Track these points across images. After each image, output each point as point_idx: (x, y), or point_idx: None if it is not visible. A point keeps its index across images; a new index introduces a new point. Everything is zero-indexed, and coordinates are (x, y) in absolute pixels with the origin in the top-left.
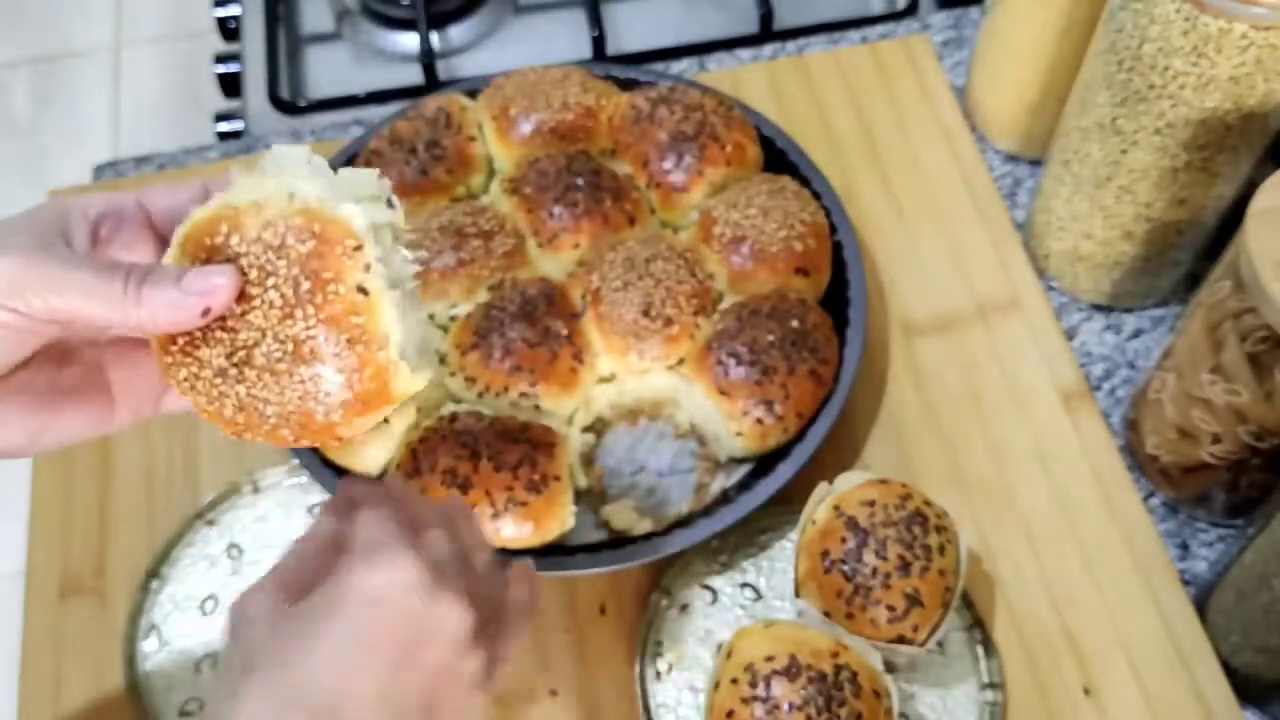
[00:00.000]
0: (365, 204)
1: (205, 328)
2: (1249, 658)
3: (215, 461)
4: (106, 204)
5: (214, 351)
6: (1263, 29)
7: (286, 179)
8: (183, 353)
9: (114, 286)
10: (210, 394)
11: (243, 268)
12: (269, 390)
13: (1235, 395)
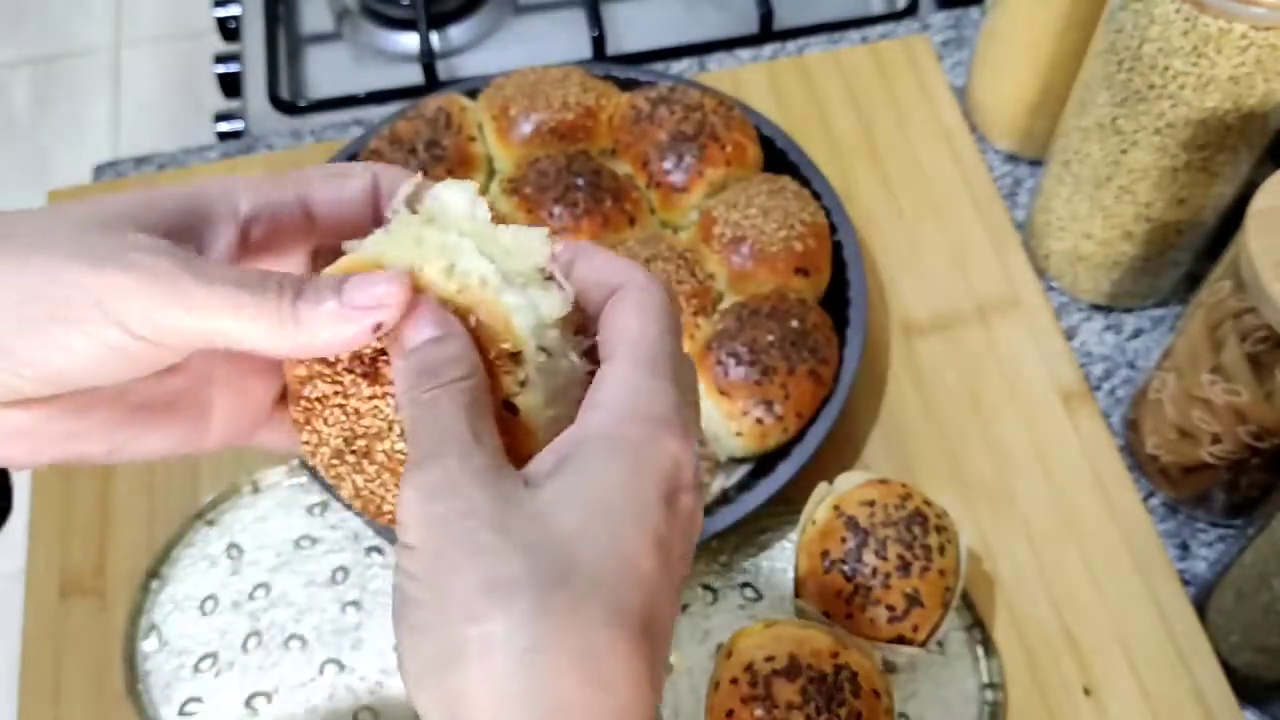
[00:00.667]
0: (532, 289)
1: (324, 402)
2: (1249, 658)
3: (215, 461)
4: (262, 199)
5: (331, 430)
6: (1263, 29)
7: (450, 240)
8: (305, 416)
9: (266, 303)
10: (329, 469)
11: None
12: (387, 490)
13: (1235, 395)
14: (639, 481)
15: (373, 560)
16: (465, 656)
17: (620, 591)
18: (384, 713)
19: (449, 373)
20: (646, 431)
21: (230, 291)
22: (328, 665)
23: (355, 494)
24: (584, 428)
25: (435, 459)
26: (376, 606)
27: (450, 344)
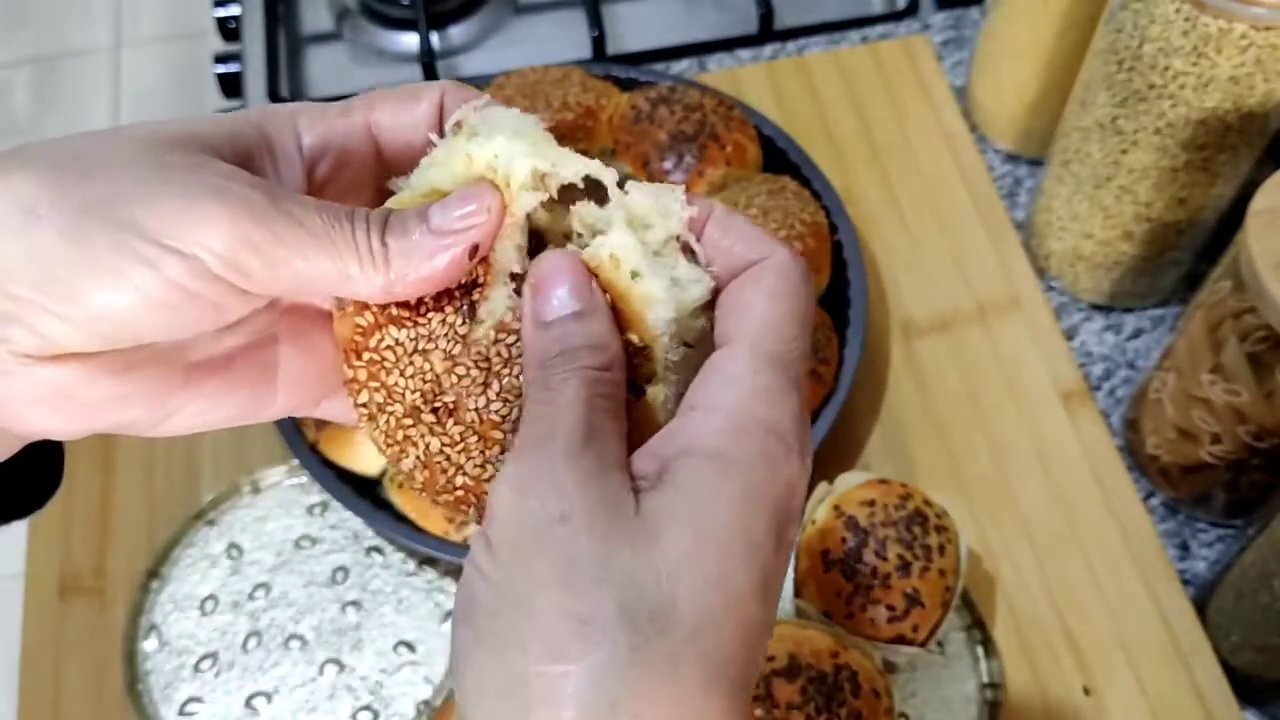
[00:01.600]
0: (667, 268)
1: (398, 351)
2: (1249, 658)
3: (215, 461)
4: (328, 130)
5: (409, 384)
6: (1263, 29)
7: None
8: (370, 371)
9: (351, 241)
10: (394, 433)
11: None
12: (469, 456)
13: (1235, 395)
14: (751, 511)
15: (373, 560)
16: (537, 695)
17: (723, 643)
18: (384, 713)
19: (585, 358)
20: (763, 449)
21: (318, 227)
22: (328, 665)
23: (424, 463)
24: (693, 434)
25: (539, 448)
26: (376, 606)
27: (593, 323)
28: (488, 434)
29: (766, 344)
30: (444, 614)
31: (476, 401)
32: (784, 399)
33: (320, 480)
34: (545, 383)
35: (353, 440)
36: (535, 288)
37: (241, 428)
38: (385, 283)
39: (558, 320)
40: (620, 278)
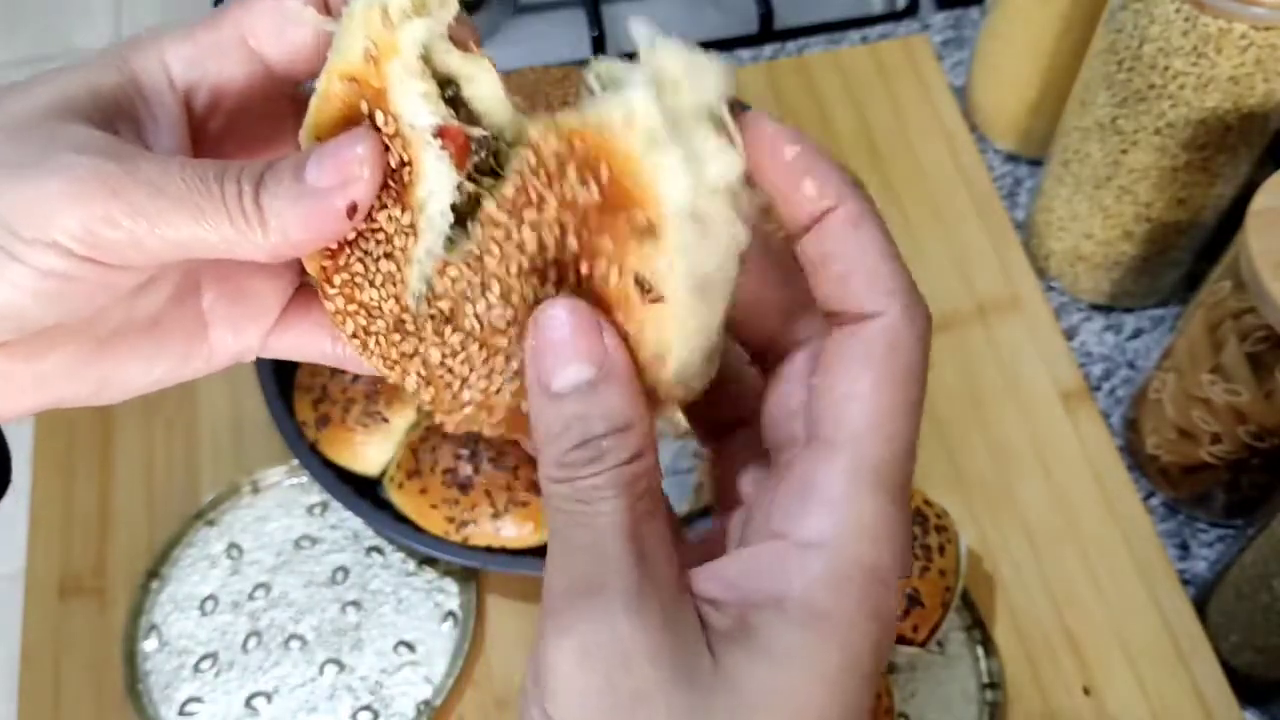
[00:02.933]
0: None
1: (369, 266)
2: (1249, 658)
3: (215, 461)
4: (197, 53)
5: (382, 293)
6: (1263, 29)
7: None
8: (345, 295)
9: (226, 202)
10: (387, 354)
11: None
12: (474, 366)
13: (1235, 395)
14: (851, 682)
15: (373, 560)
16: None
17: None
18: (384, 713)
19: (614, 452)
20: (867, 601)
21: (180, 192)
22: (328, 665)
23: (426, 379)
24: (783, 577)
25: (593, 601)
26: (376, 606)
27: (612, 393)
28: (490, 341)
29: (871, 453)
30: (444, 614)
31: (475, 306)
32: (889, 530)
33: (320, 480)
34: (574, 494)
35: (353, 440)
36: (536, 352)
37: (241, 427)
38: (270, 245)
39: (570, 394)
40: (632, 144)
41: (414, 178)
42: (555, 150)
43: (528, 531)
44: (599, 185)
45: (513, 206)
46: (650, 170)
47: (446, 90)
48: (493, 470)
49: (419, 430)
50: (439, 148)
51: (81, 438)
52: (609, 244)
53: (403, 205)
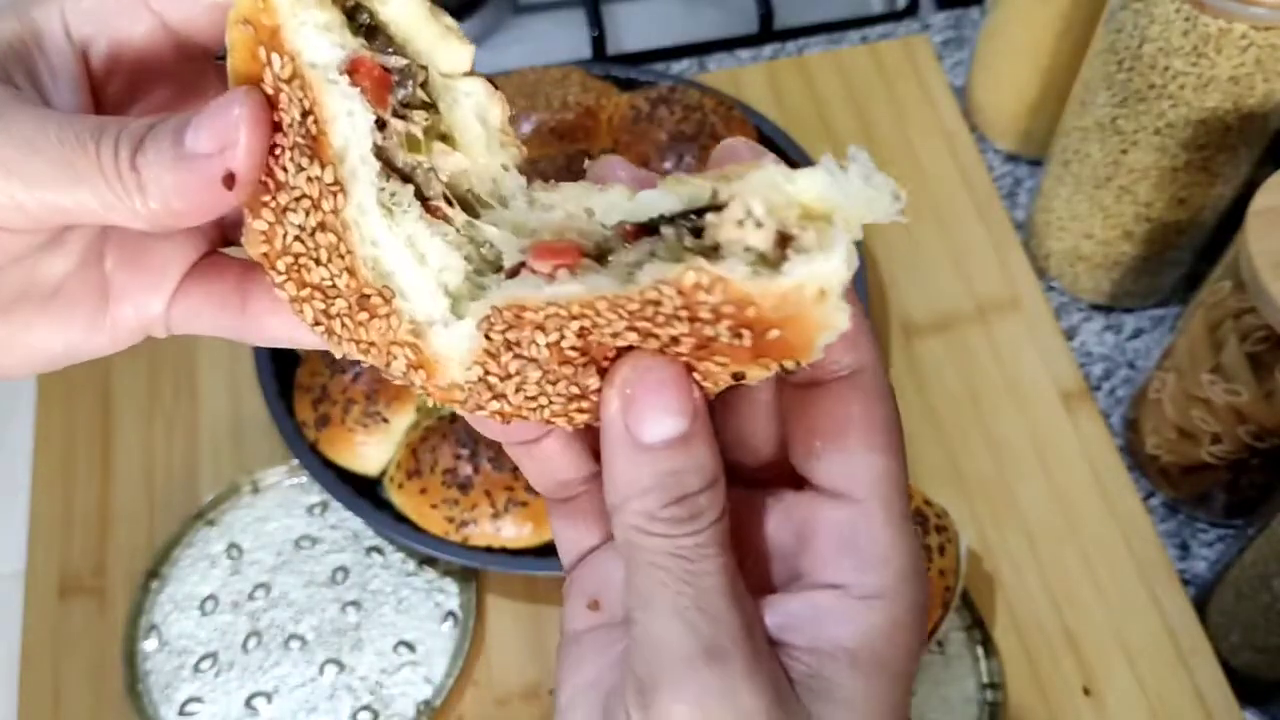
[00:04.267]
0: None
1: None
2: (1249, 658)
3: (215, 461)
4: (96, 12)
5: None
6: (1263, 29)
7: None
8: (295, 280)
9: (101, 163)
10: (358, 338)
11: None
12: (523, 387)
13: (1235, 395)
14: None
15: (373, 560)
16: None
17: None
18: (384, 713)
19: (710, 509)
20: (916, 638)
21: (55, 151)
22: (328, 665)
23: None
24: (852, 633)
25: (715, 670)
26: (376, 606)
27: (701, 448)
28: (555, 369)
29: (892, 497)
30: (444, 614)
31: (547, 336)
32: (920, 562)
33: (320, 480)
34: (674, 550)
35: (353, 440)
36: (631, 401)
37: (241, 427)
38: (149, 214)
39: (664, 446)
40: (814, 315)
41: (322, 125)
42: (713, 304)
43: (528, 531)
44: (752, 339)
45: (625, 313)
46: (820, 334)
47: (357, 18)
48: (493, 470)
49: (419, 430)
50: (346, 84)
51: (81, 438)
52: (724, 360)
53: (320, 160)
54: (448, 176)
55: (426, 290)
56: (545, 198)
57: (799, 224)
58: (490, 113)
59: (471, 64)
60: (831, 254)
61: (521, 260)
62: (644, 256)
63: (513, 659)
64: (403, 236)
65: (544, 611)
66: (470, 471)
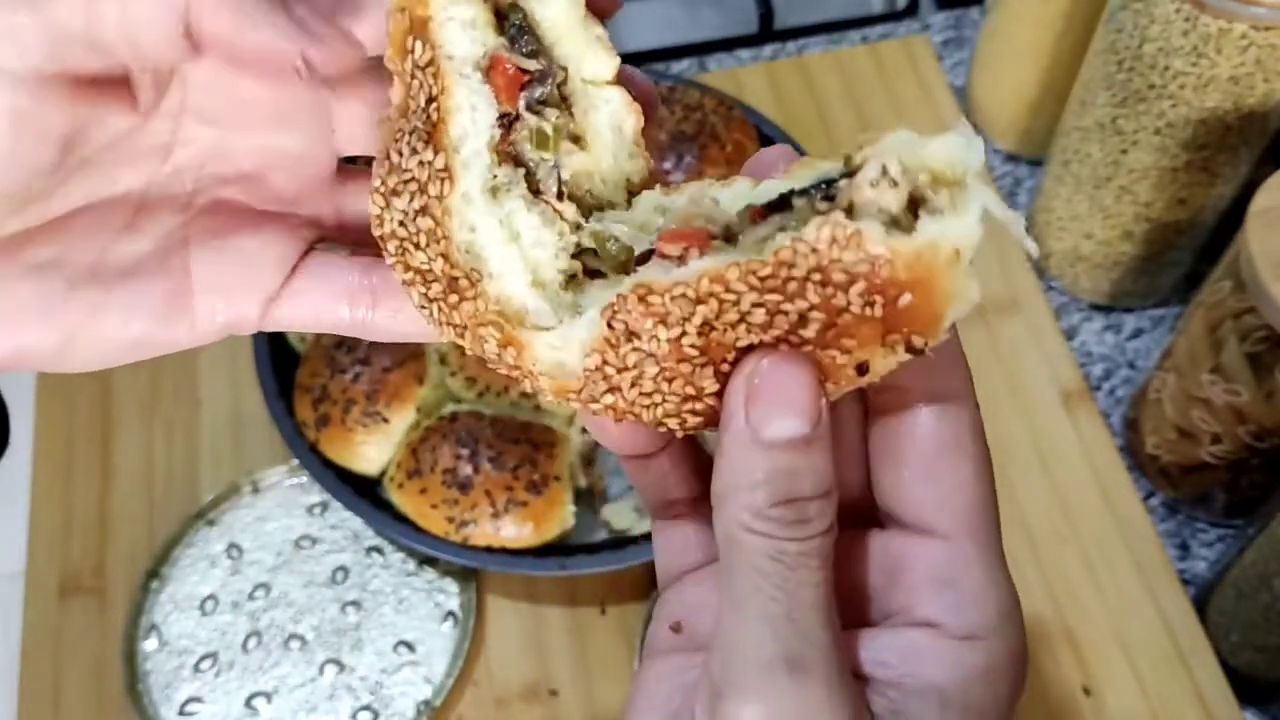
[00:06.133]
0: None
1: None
2: (1249, 658)
3: (215, 461)
4: None
5: (429, 254)
6: (1263, 29)
7: None
8: (404, 263)
9: None
10: (452, 320)
11: None
12: (638, 381)
13: (1235, 395)
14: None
15: (373, 560)
16: None
17: None
18: (384, 713)
19: (819, 520)
20: (1016, 687)
21: None
22: (328, 665)
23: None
24: (944, 673)
25: (796, 680)
26: (376, 606)
27: (820, 456)
28: (673, 366)
29: (988, 534)
30: (444, 614)
31: (668, 332)
32: (1018, 606)
33: (320, 480)
34: (774, 553)
35: (353, 440)
36: (757, 393)
37: (241, 427)
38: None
39: (783, 445)
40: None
41: (444, 114)
42: (846, 264)
43: (528, 531)
44: (883, 307)
45: (756, 281)
46: (949, 305)
47: (512, 16)
48: (493, 470)
49: (419, 430)
50: (478, 81)
51: (81, 438)
52: (850, 343)
53: (434, 146)
54: (570, 174)
55: (513, 267)
56: (669, 201)
57: (931, 187)
58: (625, 123)
59: (616, 74)
60: (965, 215)
61: (651, 248)
62: (773, 231)
63: (513, 659)
64: (500, 215)
65: (544, 611)
66: (470, 471)
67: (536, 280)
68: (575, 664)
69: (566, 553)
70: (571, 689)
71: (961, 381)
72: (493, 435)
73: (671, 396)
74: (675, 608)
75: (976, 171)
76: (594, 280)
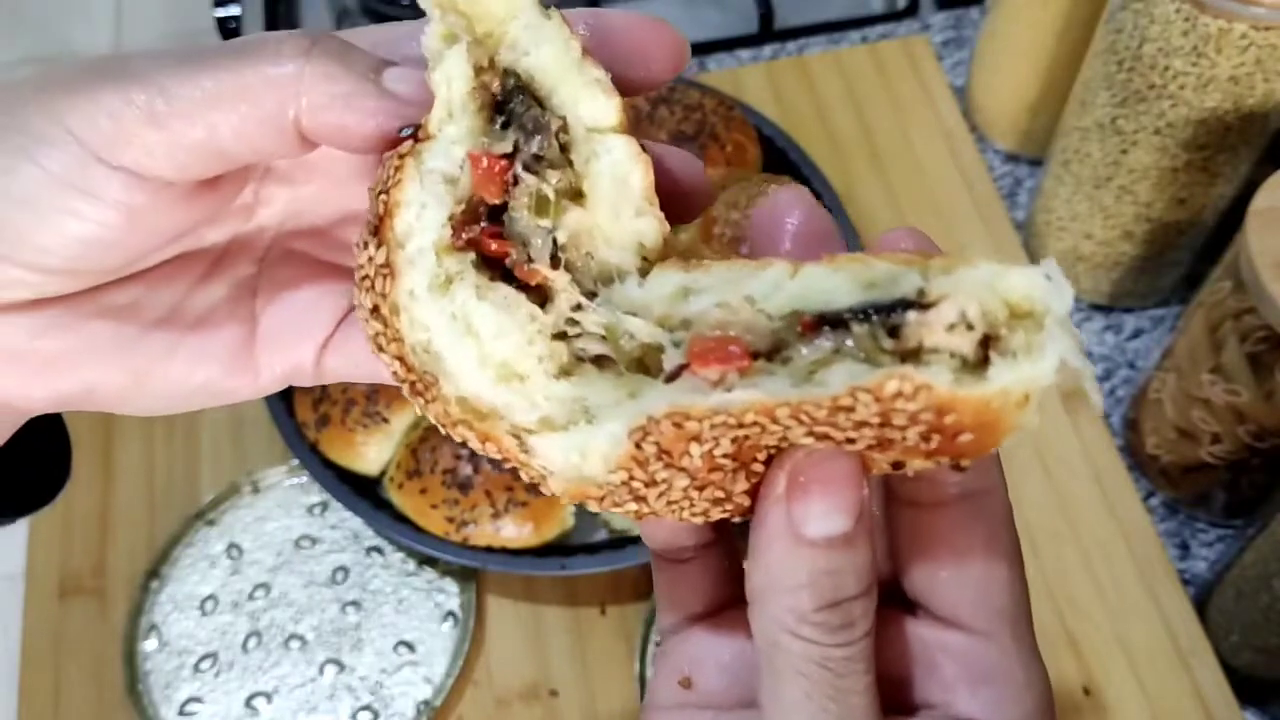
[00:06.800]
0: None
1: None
2: (1249, 658)
3: (215, 461)
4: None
5: (390, 352)
6: (1263, 29)
7: None
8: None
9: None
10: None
11: None
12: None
13: (1235, 395)
14: None
15: (373, 560)
16: None
17: None
18: (384, 713)
19: (863, 620)
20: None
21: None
22: (328, 665)
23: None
24: None
25: None
26: (376, 606)
27: (862, 552)
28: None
29: (1021, 621)
30: (444, 614)
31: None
32: (1049, 684)
33: (320, 480)
34: (821, 659)
35: (353, 440)
36: (801, 490)
37: (241, 427)
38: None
39: (827, 543)
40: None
41: (390, 207)
42: (911, 411)
43: (528, 531)
44: (939, 441)
45: (808, 419)
46: (1005, 436)
47: (507, 81)
48: (493, 470)
49: (419, 430)
50: (435, 180)
51: (82, 438)
52: (893, 454)
53: (379, 239)
54: (567, 235)
55: (468, 366)
56: (692, 280)
57: (1007, 324)
58: (632, 174)
59: (620, 119)
60: (1041, 362)
61: (682, 363)
62: (827, 355)
63: (512, 659)
64: (451, 308)
65: (544, 611)
66: (470, 471)
67: (507, 374)
68: (575, 664)
69: (566, 553)
70: (571, 689)
71: (995, 472)
72: None
73: (701, 502)
74: (680, 660)
75: (1060, 318)
76: (600, 369)
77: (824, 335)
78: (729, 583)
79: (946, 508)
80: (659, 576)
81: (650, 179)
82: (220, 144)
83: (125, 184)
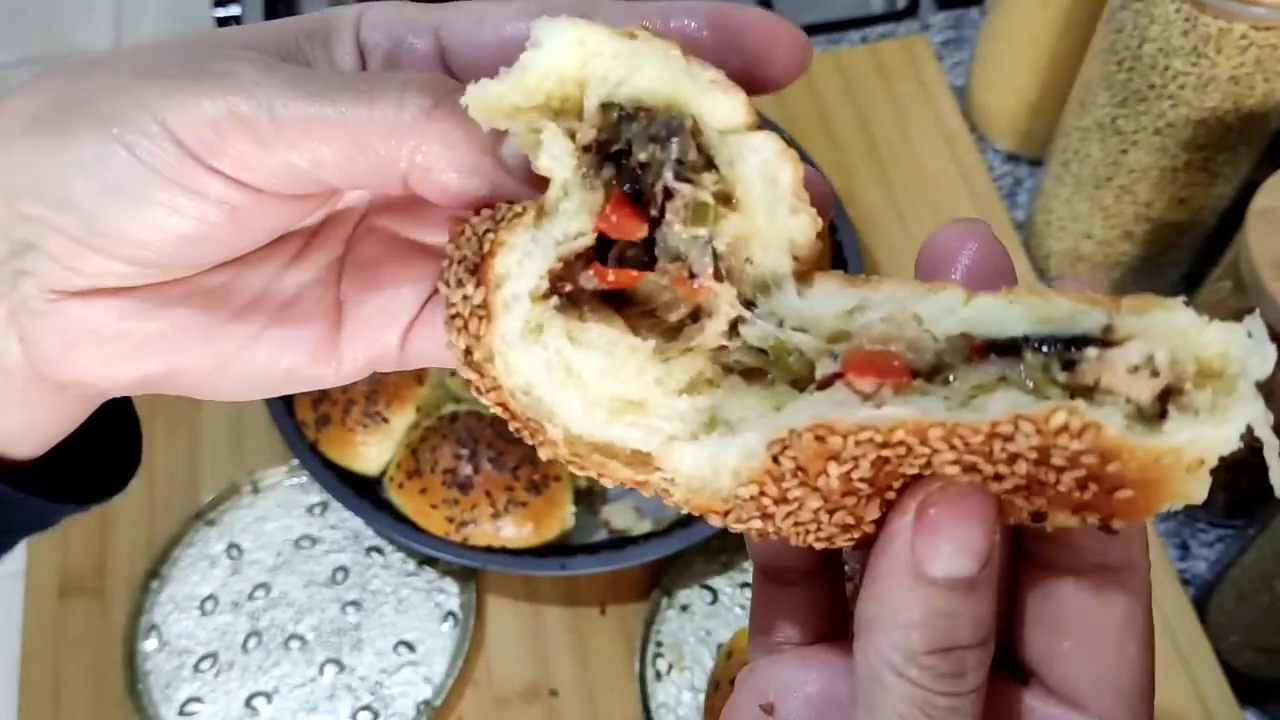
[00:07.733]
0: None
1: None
2: (1249, 658)
3: (215, 461)
4: (387, 16)
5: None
6: (1263, 29)
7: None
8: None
9: (382, 106)
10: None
11: None
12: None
13: None
14: None
15: (373, 560)
16: None
17: None
18: (384, 713)
19: (975, 673)
20: None
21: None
22: (328, 665)
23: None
24: None
25: None
26: (376, 606)
27: (984, 601)
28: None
29: (1144, 712)
30: (444, 614)
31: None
32: None
33: (320, 480)
34: (924, 704)
35: (353, 440)
36: (930, 525)
37: (241, 427)
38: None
39: (946, 583)
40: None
41: (493, 247)
42: (1072, 451)
43: (528, 531)
44: (1095, 494)
45: (960, 444)
46: (1168, 502)
47: (609, 115)
48: (493, 470)
49: (419, 430)
50: (532, 219)
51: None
52: (1039, 501)
53: (479, 279)
54: (726, 244)
55: (573, 411)
56: (861, 297)
57: (1194, 379)
58: (781, 173)
59: (751, 116)
60: (1225, 425)
61: (836, 371)
62: (991, 380)
63: (512, 659)
64: (546, 356)
65: (544, 611)
66: (470, 471)
67: (621, 407)
68: (575, 664)
69: (566, 553)
70: (571, 689)
71: (1141, 551)
72: (493, 435)
73: (829, 527)
74: (766, 684)
75: (1255, 379)
76: (745, 381)
77: (992, 361)
78: (830, 616)
79: (1082, 577)
80: (758, 595)
81: (800, 174)
82: (321, 174)
83: (225, 184)
